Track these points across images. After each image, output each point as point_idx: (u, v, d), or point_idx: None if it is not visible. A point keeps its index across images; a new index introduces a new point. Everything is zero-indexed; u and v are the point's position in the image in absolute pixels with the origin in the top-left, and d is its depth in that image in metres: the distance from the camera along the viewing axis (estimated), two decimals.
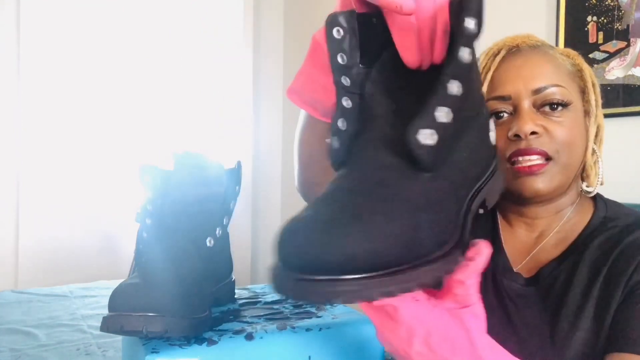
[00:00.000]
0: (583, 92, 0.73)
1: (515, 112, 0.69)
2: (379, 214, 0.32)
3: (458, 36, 0.35)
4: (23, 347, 1.00)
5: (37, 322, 1.16)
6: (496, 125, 0.70)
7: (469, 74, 0.36)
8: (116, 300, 0.49)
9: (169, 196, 0.58)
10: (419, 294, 0.39)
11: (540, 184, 0.67)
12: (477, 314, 0.40)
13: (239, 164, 0.68)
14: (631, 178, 1.41)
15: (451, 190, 0.37)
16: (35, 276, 2.14)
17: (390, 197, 0.34)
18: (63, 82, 2.22)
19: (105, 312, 0.50)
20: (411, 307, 0.38)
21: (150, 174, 0.59)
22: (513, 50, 0.72)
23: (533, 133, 0.67)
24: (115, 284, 1.53)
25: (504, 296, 0.71)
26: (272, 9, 2.91)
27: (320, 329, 0.55)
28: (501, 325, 0.69)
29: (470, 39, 0.35)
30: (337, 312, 0.61)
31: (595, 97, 0.72)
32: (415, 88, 0.39)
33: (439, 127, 0.34)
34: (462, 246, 0.36)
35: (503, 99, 0.70)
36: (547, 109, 0.68)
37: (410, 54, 0.38)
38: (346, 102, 0.39)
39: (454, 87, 0.34)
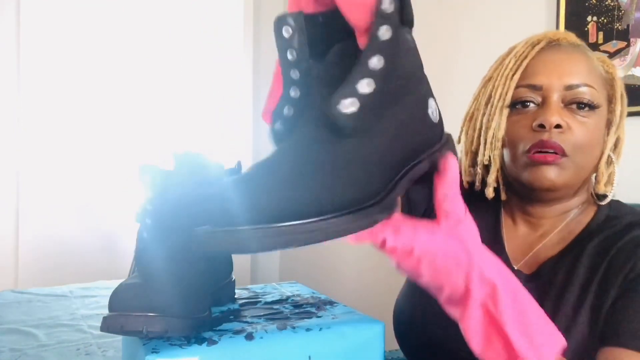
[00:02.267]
0: (610, 101, 0.72)
1: (543, 103, 0.70)
2: (301, 175, 0.38)
3: (376, 15, 0.38)
4: (23, 347, 1.00)
5: (37, 322, 1.16)
6: (521, 114, 0.71)
7: (390, 49, 0.39)
8: (116, 300, 0.49)
9: (169, 196, 0.58)
10: (418, 223, 0.44)
11: (552, 173, 0.68)
12: (469, 227, 0.46)
13: (239, 164, 0.68)
14: (631, 178, 1.41)
15: (376, 155, 0.40)
16: (35, 276, 2.14)
17: (312, 161, 0.39)
18: (63, 81, 2.21)
19: (105, 312, 0.50)
20: (414, 237, 0.43)
21: (150, 174, 0.59)
22: (553, 44, 0.73)
23: (557, 126, 0.67)
24: (115, 284, 1.52)
25: None
26: (272, 9, 2.91)
27: (320, 329, 0.55)
28: None
29: (385, 18, 0.38)
30: (337, 312, 0.61)
31: (621, 109, 0.72)
32: None
33: (360, 97, 0.38)
34: (382, 208, 0.40)
35: (534, 87, 0.70)
36: (574, 107, 0.69)
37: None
38: (294, 92, 0.43)
39: (374, 61, 0.38)
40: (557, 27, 1.56)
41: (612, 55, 1.45)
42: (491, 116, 0.73)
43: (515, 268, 0.73)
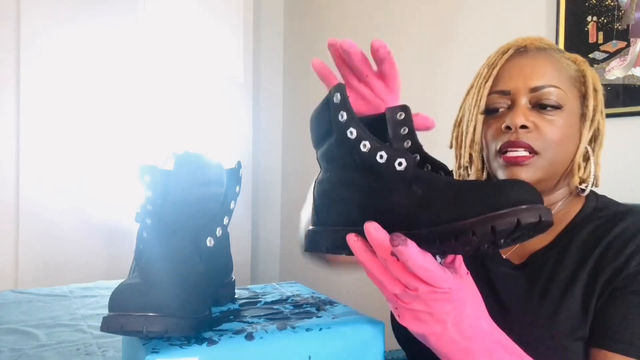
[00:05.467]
0: (584, 97, 0.75)
1: (512, 106, 0.74)
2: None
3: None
4: (23, 347, 1.00)
5: (37, 322, 1.16)
6: (494, 118, 0.76)
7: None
8: (116, 300, 0.49)
9: (169, 196, 0.58)
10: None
11: (523, 174, 0.71)
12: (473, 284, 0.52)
13: (239, 164, 0.68)
14: (631, 178, 1.41)
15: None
16: (35, 276, 2.14)
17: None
18: (63, 82, 2.22)
19: (105, 312, 0.50)
20: (459, 279, 0.48)
21: (150, 174, 0.59)
22: (521, 50, 0.76)
23: (523, 127, 0.71)
24: (115, 284, 1.53)
25: (493, 280, 0.75)
26: (272, 10, 2.91)
27: (320, 329, 0.55)
28: (492, 307, 0.72)
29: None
30: (337, 312, 0.61)
31: (594, 103, 0.75)
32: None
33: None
34: None
35: (503, 93, 0.74)
36: (541, 107, 0.72)
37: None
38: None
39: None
40: (557, 27, 1.56)
41: (612, 55, 1.45)
42: (470, 122, 0.78)
43: (504, 257, 0.77)
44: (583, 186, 0.76)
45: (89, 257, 2.27)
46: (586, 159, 0.76)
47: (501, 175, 0.74)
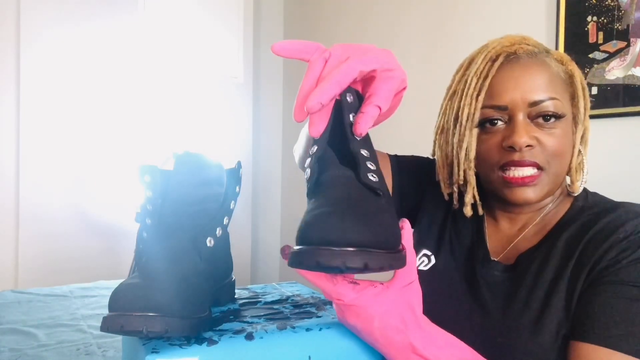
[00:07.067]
0: (573, 98, 0.73)
1: (510, 121, 0.71)
2: (365, 215, 0.46)
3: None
4: (23, 347, 1.00)
5: (37, 322, 1.16)
6: (490, 133, 0.72)
7: (369, 141, 0.55)
8: (116, 300, 0.49)
9: (169, 196, 0.58)
10: (375, 283, 0.52)
11: (531, 193, 0.70)
12: (417, 289, 0.52)
13: (239, 164, 0.68)
14: (631, 178, 1.41)
15: (391, 206, 0.52)
16: (35, 276, 2.15)
17: (368, 206, 0.48)
18: (63, 82, 2.22)
19: (105, 312, 0.50)
20: (368, 295, 0.50)
21: (150, 174, 0.59)
22: (511, 58, 0.72)
23: (527, 146, 0.68)
24: (115, 284, 1.53)
25: (480, 284, 0.74)
26: (271, 10, 2.91)
27: (320, 329, 0.55)
28: (473, 311, 0.72)
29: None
30: None
31: (584, 103, 0.73)
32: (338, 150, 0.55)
33: (377, 172, 0.53)
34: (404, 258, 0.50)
35: (499, 108, 0.71)
36: (541, 120, 0.70)
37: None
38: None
39: (365, 152, 0.53)
40: (557, 27, 1.56)
41: (612, 55, 1.45)
42: (461, 136, 0.74)
43: (496, 260, 0.76)
44: (574, 188, 0.75)
45: (89, 257, 2.27)
46: (578, 160, 0.75)
47: (504, 193, 0.72)
